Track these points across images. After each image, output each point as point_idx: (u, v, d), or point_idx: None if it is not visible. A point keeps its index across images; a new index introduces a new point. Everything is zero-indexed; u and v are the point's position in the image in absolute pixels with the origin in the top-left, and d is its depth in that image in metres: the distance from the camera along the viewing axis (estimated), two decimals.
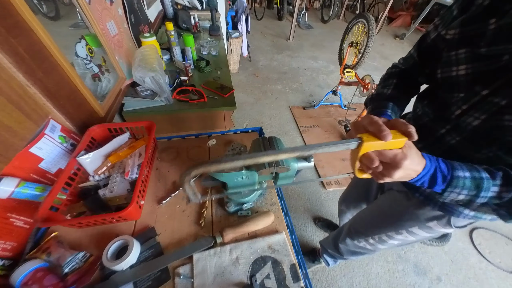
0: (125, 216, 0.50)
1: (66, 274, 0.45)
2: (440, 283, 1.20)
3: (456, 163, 0.36)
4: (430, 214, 0.58)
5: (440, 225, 0.58)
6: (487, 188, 0.35)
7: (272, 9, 5.15)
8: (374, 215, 0.75)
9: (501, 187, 0.35)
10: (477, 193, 0.36)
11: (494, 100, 0.39)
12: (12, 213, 0.48)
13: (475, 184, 0.35)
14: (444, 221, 0.56)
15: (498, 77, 0.38)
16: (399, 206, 0.64)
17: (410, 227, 0.63)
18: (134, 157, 0.64)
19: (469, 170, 0.36)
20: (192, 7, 1.91)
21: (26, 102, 0.48)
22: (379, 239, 0.73)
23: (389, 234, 0.69)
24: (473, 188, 0.36)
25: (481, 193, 0.36)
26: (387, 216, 0.69)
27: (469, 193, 0.36)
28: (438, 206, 0.55)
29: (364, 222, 0.79)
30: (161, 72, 0.85)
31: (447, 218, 0.56)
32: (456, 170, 0.36)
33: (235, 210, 0.58)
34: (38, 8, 0.56)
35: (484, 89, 0.40)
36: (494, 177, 0.35)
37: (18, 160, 0.47)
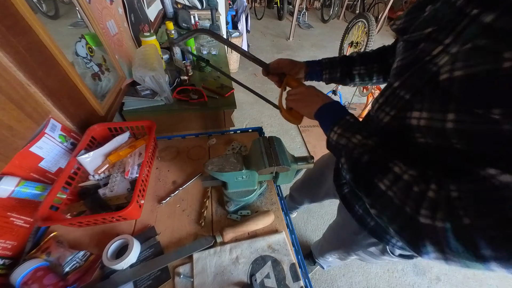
0: (125, 215, 0.50)
1: (66, 273, 0.45)
2: (439, 283, 1.21)
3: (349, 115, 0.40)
4: (368, 239, 0.56)
5: (380, 252, 0.56)
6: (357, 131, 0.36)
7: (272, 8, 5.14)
8: (331, 237, 0.80)
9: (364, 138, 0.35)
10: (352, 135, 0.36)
11: (400, 93, 0.36)
12: (12, 212, 0.48)
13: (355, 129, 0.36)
14: (381, 248, 0.55)
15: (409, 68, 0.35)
16: (345, 232, 0.65)
17: (356, 251, 0.64)
18: (134, 156, 0.64)
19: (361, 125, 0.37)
20: (192, 6, 1.90)
21: (26, 101, 0.48)
22: (339, 257, 0.77)
23: (344, 254, 0.72)
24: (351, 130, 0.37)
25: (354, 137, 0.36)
26: (338, 239, 0.73)
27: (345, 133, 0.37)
28: (368, 229, 0.52)
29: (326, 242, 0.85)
30: (161, 71, 0.85)
31: (383, 246, 0.54)
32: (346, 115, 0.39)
33: (235, 209, 0.58)
34: (38, 7, 0.56)
35: (396, 81, 0.38)
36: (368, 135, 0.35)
37: (18, 159, 0.47)
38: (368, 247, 0.58)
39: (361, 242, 0.59)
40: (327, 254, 0.84)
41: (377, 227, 0.50)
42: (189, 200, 0.61)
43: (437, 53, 0.31)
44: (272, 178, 0.57)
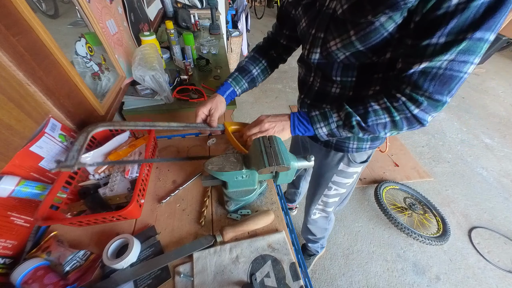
0: (125, 215, 0.50)
1: (67, 273, 0.45)
2: (438, 282, 1.21)
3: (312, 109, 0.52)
4: (335, 158, 0.71)
5: (346, 165, 0.71)
6: (330, 115, 0.49)
7: (272, 8, 5.13)
8: (311, 184, 0.90)
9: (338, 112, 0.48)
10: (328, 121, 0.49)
11: (317, 35, 0.51)
12: (13, 212, 0.48)
13: (323, 115, 0.49)
14: (346, 160, 0.70)
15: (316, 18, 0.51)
16: (319, 163, 0.77)
17: (331, 178, 0.76)
18: (134, 156, 0.64)
19: (318, 110, 0.50)
20: (192, 6, 1.90)
21: (26, 100, 0.48)
22: (322, 203, 0.88)
23: (325, 193, 0.83)
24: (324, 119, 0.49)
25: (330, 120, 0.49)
26: (316, 177, 0.83)
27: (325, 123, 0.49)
28: (333, 147, 0.68)
29: (308, 194, 0.95)
30: (161, 70, 0.85)
31: (346, 157, 0.69)
32: (310, 112, 0.51)
33: (235, 209, 0.58)
34: (37, 6, 0.56)
35: (312, 29, 0.52)
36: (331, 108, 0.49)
37: (19, 158, 0.47)
38: (337, 166, 0.72)
39: (331, 164, 0.73)
40: (311, 207, 0.92)
41: (338, 141, 0.66)
42: (189, 200, 0.61)
43: (328, 2, 0.47)
44: (272, 177, 0.57)
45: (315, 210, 0.93)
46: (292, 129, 0.52)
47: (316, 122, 0.50)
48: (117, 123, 0.64)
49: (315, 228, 1.03)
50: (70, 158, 0.48)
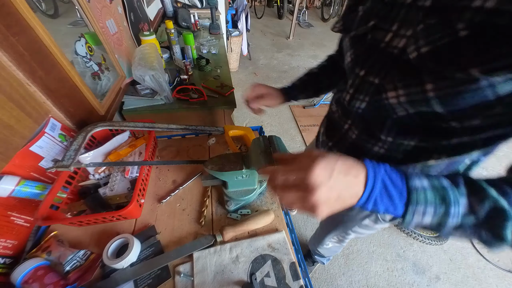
0: (126, 214, 0.50)
1: (67, 272, 0.45)
2: (438, 282, 1.21)
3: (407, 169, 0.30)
4: (361, 214, 0.58)
5: (373, 222, 0.59)
6: (455, 201, 0.25)
7: (272, 7, 5.13)
8: (327, 221, 0.81)
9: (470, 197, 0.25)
10: (446, 210, 0.25)
11: (369, 79, 0.39)
12: (13, 212, 0.48)
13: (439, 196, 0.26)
14: (374, 218, 0.58)
15: (370, 56, 0.38)
16: None
17: (352, 227, 0.66)
18: (134, 155, 0.64)
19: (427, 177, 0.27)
20: (192, 5, 1.90)
21: (26, 100, 0.48)
22: (338, 239, 0.81)
23: (342, 234, 0.75)
24: (439, 203, 0.25)
25: (450, 209, 0.25)
26: (333, 221, 0.74)
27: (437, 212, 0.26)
28: None
29: (322, 228, 0.88)
30: (161, 70, 0.85)
31: (375, 215, 0.56)
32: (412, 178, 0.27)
33: (235, 208, 0.58)
34: (37, 6, 0.56)
35: (361, 70, 0.40)
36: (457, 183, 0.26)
37: (19, 158, 0.47)
38: (362, 221, 0.60)
39: (355, 217, 0.61)
40: (325, 239, 0.86)
41: None
42: (189, 199, 0.61)
43: (389, 39, 0.34)
44: None
45: (328, 242, 0.87)
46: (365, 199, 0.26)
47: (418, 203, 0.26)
48: (117, 123, 0.64)
49: (326, 251, 1.00)
50: (67, 158, 0.48)
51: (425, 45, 0.28)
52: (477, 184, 0.26)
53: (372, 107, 0.39)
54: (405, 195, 0.26)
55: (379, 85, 0.37)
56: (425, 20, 0.29)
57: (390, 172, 0.27)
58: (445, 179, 0.27)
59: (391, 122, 0.38)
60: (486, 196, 0.25)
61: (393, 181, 0.27)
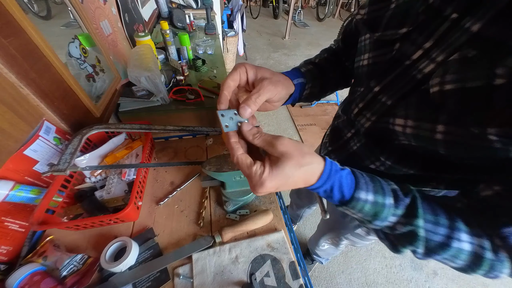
0: (123, 217, 0.50)
1: (64, 277, 0.44)
2: (436, 277, 1.23)
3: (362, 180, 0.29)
4: (354, 222, 0.58)
5: (366, 232, 0.59)
6: (384, 218, 0.28)
7: (268, 7, 5.13)
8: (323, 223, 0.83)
9: (400, 218, 0.28)
10: (371, 220, 0.29)
11: (382, 99, 0.33)
12: (7, 217, 0.47)
13: (373, 211, 0.28)
14: (366, 229, 0.57)
15: (389, 71, 0.32)
16: (334, 215, 0.63)
17: (345, 234, 0.67)
18: (131, 157, 0.64)
19: (374, 192, 0.28)
20: (187, 6, 1.89)
21: (19, 103, 0.47)
22: (332, 242, 0.81)
23: (336, 239, 0.76)
24: (369, 215, 0.28)
25: (376, 221, 0.29)
26: (328, 224, 0.75)
27: (364, 218, 0.30)
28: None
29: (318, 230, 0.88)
30: (157, 71, 0.84)
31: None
32: (360, 190, 0.28)
33: (233, 209, 0.58)
34: (29, 7, 0.55)
35: (377, 84, 0.34)
36: (398, 205, 0.28)
37: (12, 162, 0.46)
38: (355, 229, 0.61)
39: (349, 225, 0.61)
40: (321, 240, 0.88)
41: None
42: (187, 201, 0.60)
43: (417, 57, 0.29)
44: None
45: (324, 243, 0.88)
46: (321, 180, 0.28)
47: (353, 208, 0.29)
48: (113, 125, 0.63)
49: (322, 253, 1.01)
50: (63, 162, 0.47)
51: (451, 82, 0.24)
52: (415, 210, 0.27)
53: (377, 128, 0.36)
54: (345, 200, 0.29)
55: (390, 107, 0.32)
56: (464, 49, 0.24)
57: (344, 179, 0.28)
58: (391, 196, 0.29)
59: (392, 147, 0.35)
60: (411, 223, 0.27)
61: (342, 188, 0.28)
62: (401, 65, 0.31)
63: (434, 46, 0.27)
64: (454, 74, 0.24)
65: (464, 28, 0.24)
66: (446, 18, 0.26)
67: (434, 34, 0.27)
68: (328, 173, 0.28)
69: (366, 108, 0.37)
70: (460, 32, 0.24)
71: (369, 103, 0.36)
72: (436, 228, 0.27)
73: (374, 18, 0.34)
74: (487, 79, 0.21)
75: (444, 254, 0.27)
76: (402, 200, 0.28)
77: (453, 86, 0.24)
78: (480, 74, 0.22)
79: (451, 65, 0.25)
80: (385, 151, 0.37)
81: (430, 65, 0.27)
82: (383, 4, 0.33)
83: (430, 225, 0.27)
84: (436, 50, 0.27)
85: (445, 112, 0.26)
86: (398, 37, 0.31)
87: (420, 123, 0.29)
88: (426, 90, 0.27)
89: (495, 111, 0.22)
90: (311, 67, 0.46)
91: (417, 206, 0.27)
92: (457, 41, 0.24)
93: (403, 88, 0.31)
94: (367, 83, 0.37)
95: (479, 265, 0.26)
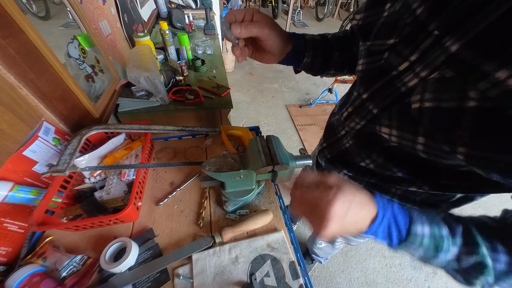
0: (123, 218, 0.50)
1: (63, 278, 0.44)
2: (436, 276, 1.23)
3: (415, 212, 0.29)
4: None
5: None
6: (446, 250, 0.27)
7: (267, 7, 5.13)
8: None
9: (461, 248, 0.27)
10: (436, 255, 0.28)
11: (369, 107, 0.35)
12: (6, 218, 0.47)
13: (434, 244, 0.27)
14: None
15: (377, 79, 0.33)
16: None
17: None
18: (131, 158, 0.64)
19: (429, 224, 0.28)
20: (186, 6, 1.89)
21: (18, 104, 0.47)
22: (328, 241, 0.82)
23: None
24: (431, 249, 0.27)
25: (440, 255, 0.28)
26: None
27: (425, 254, 0.28)
28: None
29: None
30: (156, 72, 0.84)
31: None
32: (415, 223, 0.28)
33: (233, 209, 0.58)
34: (28, 8, 0.55)
35: (365, 91, 0.35)
36: (454, 234, 0.27)
37: (11, 163, 0.46)
38: None
39: None
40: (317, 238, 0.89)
41: None
42: (187, 201, 0.60)
43: (403, 69, 0.29)
44: (271, 177, 0.57)
45: (321, 241, 0.90)
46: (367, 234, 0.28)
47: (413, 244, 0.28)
48: (112, 126, 0.63)
49: (320, 251, 1.02)
50: (62, 162, 0.47)
51: (429, 100, 0.25)
52: (473, 238, 0.27)
53: (366, 132, 0.38)
54: (403, 236, 0.28)
55: (376, 115, 0.34)
56: (441, 68, 0.24)
57: (397, 213, 0.28)
58: (445, 226, 0.28)
59: (381, 148, 0.37)
60: (475, 252, 0.26)
61: (397, 223, 0.28)
62: (388, 75, 0.31)
63: (418, 60, 0.27)
64: (432, 93, 0.25)
65: (444, 47, 0.24)
66: (430, 33, 0.26)
67: (419, 48, 0.27)
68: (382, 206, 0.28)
69: (354, 113, 0.39)
70: (440, 50, 0.25)
71: (357, 109, 0.38)
72: (496, 255, 0.26)
73: (367, 25, 0.35)
74: (460, 101, 0.22)
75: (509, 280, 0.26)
76: (456, 227, 0.28)
77: (430, 104, 0.25)
78: (454, 95, 0.23)
79: (430, 83, 0.25)
80: (374, 151, 0.38)
81: (414, 79, 0.28)
82: (376, 11, 0.34)
83: (491, 252, 0.26)
84: (420, 65, 0.27)
85: (423, 126, 0.27)
86: (386, 47, 0.32)
87: (403, 134, 0.30)
88: (408, 103, 0.28)
89: (463, 132, 0.23)
90: (317, 37, 0.47)
91: (473, 233, 0.27)
92: (437, 59, 0.25)
93: (388, 98, 0.32)
94: (358, 88, 0.38)
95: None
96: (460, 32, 0.23)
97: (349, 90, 0.49)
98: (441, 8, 0.25)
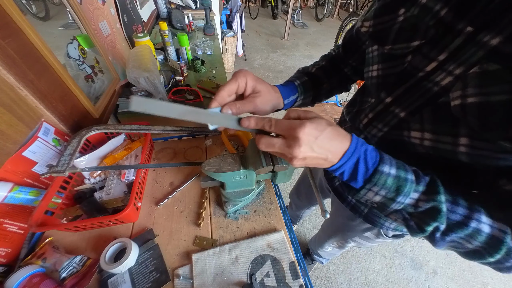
0: (123, 218, 0.50)
1: (63, 279, 0.44)
2: (436, 276, 1.23)
3: (386, 156, 0.29)
4: (363, 225, 0.57)
5: (375, 236, 0.58)
6: (407, 193, 0.28)
7: (267, 8, 5.14)
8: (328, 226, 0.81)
9: (421, 195, 0.28)
10: (394, 197, 0.28)
11: (395, 111, 0.34)
12: (6, 219, 0.47)
13: (396, 185, 0.28)
14: (376, 232, 0.56)
15: (401, 82, 0.33)
16: (341, 218, 0.65)
17: (353, 237, 0.66)
18: (130, 158, 0.64)
19: (397, 168, 0.28)
20: (186, 6, 1.89)
21: (17, 104, 0.47)
22: (338, 245, 0.80)
23: (342, 242, 0.74)
24: (392, 190, 0.28)
25: (398, 197, 0.28)
26: (334, 227, 0.74)
27: (386, 195, 0.29)
28: (363, 216, 0.52)
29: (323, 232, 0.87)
30: (156, 72, 0.84)
31: (377, 230, 0.54)
32: (383, 164, 0.28)
33: (233, 210, 0.58)
34: (27, 8, 0.55)
35: (388, 96, 0.34)
36: (419, 182, 0.28)
37: (11, 164, 0.46)
38: (364, 233, 0.59)
39: (356, 228, 0.60)
40: (325, 243, 0.87)
41: (371, 213, 0.50)
42: (187, 201, 0.60)
43: (431, 70, 0.29)
44: (271, 177, 0.57)
45: (328, 246, 0.87)
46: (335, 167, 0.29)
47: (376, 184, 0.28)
48: (112, 126, 0.63)
49: (325, 254, 1.01)
50: (62, 163, 0.47)
51: (474, 95, 0.24)
52: (435, 188, 0.28)
53: (389, 139, 0.36)
54: (369, 174, 0.28)
55: (404, 119, 0.32)
56: (482, 63, 0.24)
57: (369, 151, 0.29)
58: (412, 173, 0.29)
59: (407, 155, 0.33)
60: (433, 199, 0.27)
61: (366, 160, 0.28)
62: (414, 77, 0.31)
63: (449, 59, 0.27)
64: (476, 87, 0.24)
65: (482, 42, 0.24)
66: (460, 32, 0.26)
67: (448, 47, 0.27)
68: (356, 141, 0.28)
69: (376, 119, 0.37)
70: (477, 46, 0.24)
71: (379, 114, 0.37)
72: (455, 207, 0.27)
73: (381, 31, 0.35)
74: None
75: (462, 233, 0.27)
76: (423, 177, 0.29)
77: (475, 99, 0.24)
78: (504, 88, 0.22)
79: (471, 78, 0.24)
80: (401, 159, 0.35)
81: (447, 78, 0.27)
82: (388, 17, 0.33)
83: (449, 204, 0.27)
84: (452, 64, 0.26)
85: (465, 125, 0.26)
86: (411, 50, 0.31)
87: (439, 137, 0.29)
88: (444, 103, 0.27)
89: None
90: (305, 79, 0.49)
91: (437, 184, 0.28)
92: (474, 55, 0.25)
93: (418, 100, 0.31)
94: (377, 94, 0.37)
95: (497, 248, 0.26)
96: (498, 27, 0.23)
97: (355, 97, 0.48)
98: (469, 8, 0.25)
